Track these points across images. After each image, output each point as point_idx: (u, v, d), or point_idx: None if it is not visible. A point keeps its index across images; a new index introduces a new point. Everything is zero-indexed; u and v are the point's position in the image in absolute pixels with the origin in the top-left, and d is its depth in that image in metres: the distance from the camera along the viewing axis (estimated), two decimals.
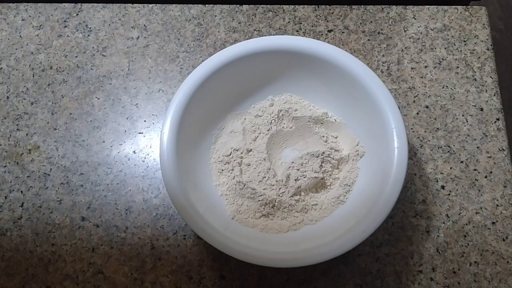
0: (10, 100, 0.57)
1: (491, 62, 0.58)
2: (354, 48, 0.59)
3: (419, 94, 0.57)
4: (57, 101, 0.57)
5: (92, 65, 0.59)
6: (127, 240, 0.51)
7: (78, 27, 0.61)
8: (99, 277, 0.49)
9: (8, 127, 0.56)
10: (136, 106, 0.57)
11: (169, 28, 0.60)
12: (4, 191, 0.53)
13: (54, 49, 0.60)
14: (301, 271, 0.49)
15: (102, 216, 0.52)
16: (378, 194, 0.44)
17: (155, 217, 0.52)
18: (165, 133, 0.45)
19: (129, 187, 0.53)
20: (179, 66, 0.59)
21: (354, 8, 0.61)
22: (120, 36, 0.60)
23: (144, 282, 0.49)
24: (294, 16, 0.61)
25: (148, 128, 0.56)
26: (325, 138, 0.52)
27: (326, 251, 0.42)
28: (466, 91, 0.57)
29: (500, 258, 0.50)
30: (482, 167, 0.53)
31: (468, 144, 0.54)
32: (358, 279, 0.49)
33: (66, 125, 0.56)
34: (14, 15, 0.61)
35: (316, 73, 0.51)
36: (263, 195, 0.48)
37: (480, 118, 0.55)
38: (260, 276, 0.49)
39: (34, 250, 0.51)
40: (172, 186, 0.44)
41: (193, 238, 0.51)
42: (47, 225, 0.52)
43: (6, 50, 0.60)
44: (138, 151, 0.55)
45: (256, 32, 0.60)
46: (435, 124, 0.55)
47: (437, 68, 0.58)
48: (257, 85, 0.53)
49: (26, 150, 0.55)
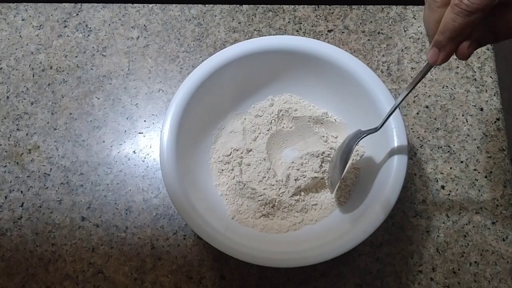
0: (10, 100, 0.57)
1: (491, 62, 0.58)
2: (354, 48, 0.59)
3: (419, 94, 0.57)
4: (57, 101, 0.57)
5: (92, 65, 0.59)
6: (127, 240, 0.51)
7: (78, 27, 0.61)
8: (99, 277, 0.49)
9: (8, 127, 0.56)
10: (136, 106, 0.57)
11: (169, 28, 0.60)
12: (4, 191, 0.53)
13: (54, 49, 0.60)
14: (301, 271, 0.49)
15: (102, 216, 0.52)
16: (378, 194, 0.44)
17: (155, 217, 0.52)
18: (165, 133, 0.45)
19: (129, 187, 0.53)
20: (179, 66, 0.59)
21: (354, 8, 0.61)
22: (120, 36, 0.60)
23: (144, 282, 0.49)
24: (294, 16, 0.61)
25: (148, 128, 0.56)
26: (325, 138, 0.52)
27: (326, 251, 0.42)
28: (466, 91, 0.57)
29: (500, 258, 0.50)
30: (482, 167, 0.53)
31: (468, 144, 0.54)
32: (358, 279, 0.49)
33: (66, 125, 0.56)
34: (14, 15, 0.61)
35: (316, 73, 0.51)
36: (263, 195, 0.48)
37: (480, 118, 0.55)
38: (260, 276, 0.49)
39: (34, 250, 0.51)
40: (172, 186, 0.44)
41: (193, 238, 0.51)
42: (47, 225, 0.52)
43: (6, 50, 0.60)
44: (138, 151, 0.55)
45: (256, 32, 0.60)
46: (435, 124, 0.55)
47: (437, 68, 0.58)
48: (257, 85, 0.53)
49: (26, 150, 0.55)
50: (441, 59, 0.34)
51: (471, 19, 0.31)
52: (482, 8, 0.30)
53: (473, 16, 0.31)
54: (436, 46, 0.34)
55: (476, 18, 0.31)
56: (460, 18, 0.31)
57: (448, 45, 0.33)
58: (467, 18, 0.31)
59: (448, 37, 0.32)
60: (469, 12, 0.30)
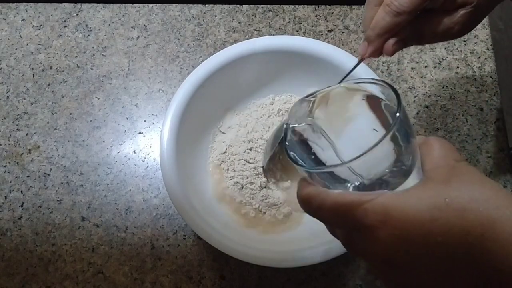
0: (10, 100, 0.57)
1: (491, 62, 0.58)
2: (354, 48, 0.59)
3: (419, 94, 0.57)
4: (57, 101, 0.57)
5: (92, 65, 0.59)
6: (127, 240, 0.51)
7: (78, 27, 0.61)
8: (99, 277, 0.49)
9: (8, 127, 0.56)
10: (136, 106, 0.57)
11: (169, 28, 0.60)
12: (4, 191, 0.53)
13: (54, 49, 0.60)
14: (301, 271, 0.49)
15: (102, 216, 0.52)
16: None
17: (155, 217, 0.52)
18: (165, 133, 0.45)
19: (129, 187, 0.53)
20: (179, 66, 0.59)
21: (354, 8, 0.61)
22: (120, 36, 0.60)
23: (144, 282, 0.49)
24: (294, 16, 0.61)
25: (148, 128, 0.56)
26: None
27: (326, 251, 0.42)
28: (466, 91, 0.57)
29: None
30: (482, 167, 0.53)
31: (468, 144, 0.54)
32: (358, 279, 0.49)
33: (66, 125, 0.56)
34: (14, 15, 0.61)
35: (316, 73, 0.51)
36: (262, 194, 0.48)
37: (480, 118, 0.55)
38: (260, 276, 0.49)
39: (34, 250, 0.51)
40: (172, 186, 0.44)
41: (193, 238, 0.51)
42: (47, 225, 0.52)
43: (6, 50, 0.60)
44: (138, 151, 0.55)
45: (256, 32, 0.60)
46: (435, 124, 0.55)
47: (437, 68, 0.58)
48: (257, 85, 0.53)
49: (26, 150, 0.55)
50: (369, 53, 0.37)
51: (398, 20, 0.34)
52: (409, 10, 0.33)
53: (401, 17, 0.34)
54: (366, 40, 0.36)
55: (403, 19, 0.34)
56: (388, 17, 0.34)
57: (376, 41, 0.36)
58: (395, 18, 0.34)
59: (376, 33, 0.35)
60: (397, 13, 0.33)
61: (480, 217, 0.22)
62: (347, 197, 0.24)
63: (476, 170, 0.24)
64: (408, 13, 0.33)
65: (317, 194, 0.25)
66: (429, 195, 0.23)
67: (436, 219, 0.22)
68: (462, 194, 0.22)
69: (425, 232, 0.22)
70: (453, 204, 0.22)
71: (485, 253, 0.21)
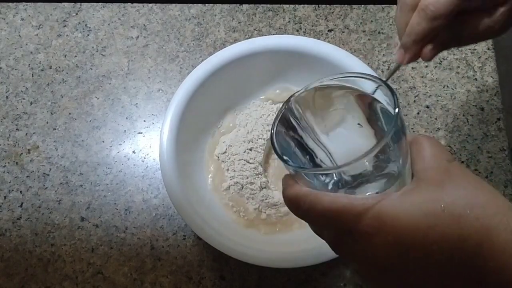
0: (9, 100, 0.57)
1: (491, 62, 0.58)
2: (354, 47, 0.59)
3: (419, 94, 0.57)
4: (56, 101, 0.57)
5: (91, 64, 0.59)
6: (127, 241, 0.51)
7: (78, 27, 0.60)
8: (98, 278, 0.49)
9: (7, 127, 0.56)
10: (135, 106, 0.57)
11: (169, 27, 0.60)
12: (4, 191, 0.53)
13: (54, 49, 0.59)
14: (301, 271, 0.49)
15: (102, 216, 0.52)
16: None
17: (155, 217, 0.52)
18: (165, 133, 0.45)
19: (128, 187, 0.53)
20: (179, 65, 0.58)
21: (355, 7, 0.61)
22: (119, 35, 0.60)
23: (144, 282, 0.49)
24: (294, 16, 0.61)
25: (147, 128, 0.56)
26: None
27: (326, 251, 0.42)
28: (466, 91, 0.57)
29: None
30: (483, 167, 0.53)
31: (468, 144, 0.54)
32: (358, 279, 0.49)
33: (66, 125, 0.56)
34: (14, 14, 0.61)
35: (316, 72, 0.50)
36: (262, 194, 0.48)
37: (480, 118, 0.55)
38: (260, 276, 0.49)
39: (34, 250, 0.50)
40: (171, 186, 0.44)
41: (193, 239, 0.50)
42: (46, 225, 0.51)
43: (6, 49, 0.59)
44: (137, 151, 0.54)
45: (256, 32, 0.60)
46: (436, 124, 0.55)
47: (437, 68, 0.58)
48: (257, 85, 0.52)
49: (26, 150, 0.55)
50: (407, 60, 0.35)
51: (435, 24, 0.32)
52: (446, 14, 0.31)
53: (437, 22, 0.32)
54: (403, 47, 0.35)
55: (439, 23, 0.32)
56: (424, 23, 0.32)
57: (413, 47, 0.34)
58: (431, 23, 0.32)
59: (413, 39, 0.34)
60: (433, 17, 0.32)
61: (477, 224, 0.21)
62: (338, 202, 0.23)
63: (469, 171, 0.24)
64: (445, 17, 0.32)
65: (306, 196, 0.25)
66: (424, 199, 0.22)
67: (431, 226, 0.22)
68: (457, 199, 0.22)
69: (421, 239, 0.22)
70: (449, 211, 0.22)
71: (481, 262, 0.21)
